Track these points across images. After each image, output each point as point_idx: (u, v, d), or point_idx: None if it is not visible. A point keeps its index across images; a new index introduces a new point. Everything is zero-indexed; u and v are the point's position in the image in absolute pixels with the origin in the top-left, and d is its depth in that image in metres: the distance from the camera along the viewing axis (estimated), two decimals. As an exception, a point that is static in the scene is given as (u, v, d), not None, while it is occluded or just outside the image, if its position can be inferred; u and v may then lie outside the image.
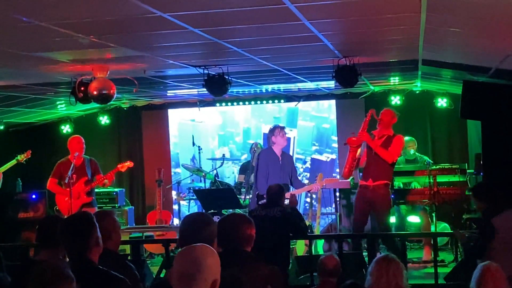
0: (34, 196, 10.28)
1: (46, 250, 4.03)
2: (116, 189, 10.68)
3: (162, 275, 7.47)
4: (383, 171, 7.96)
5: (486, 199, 6.01)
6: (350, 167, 8.06)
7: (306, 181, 9.41)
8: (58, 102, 9.94)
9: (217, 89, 7.03)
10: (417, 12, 4.43)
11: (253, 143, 9.71)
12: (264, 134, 8.70)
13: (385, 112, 8.11)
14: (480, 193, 6.10)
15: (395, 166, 9.41)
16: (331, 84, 9.95)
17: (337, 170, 11.46)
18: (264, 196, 7.80)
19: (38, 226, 4.17)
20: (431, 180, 8.82)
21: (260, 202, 8.04)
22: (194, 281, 2.62)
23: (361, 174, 8.28)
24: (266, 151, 8.55)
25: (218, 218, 7.78)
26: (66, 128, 11.71)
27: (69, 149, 8.47)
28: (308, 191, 8.96)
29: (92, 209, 8.09)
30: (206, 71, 6.89)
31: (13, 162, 9.55)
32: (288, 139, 8.71)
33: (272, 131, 8.54)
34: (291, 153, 10.94)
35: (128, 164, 9.04)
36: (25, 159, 9.55)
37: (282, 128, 8.57)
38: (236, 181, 10.48)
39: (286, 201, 7.27)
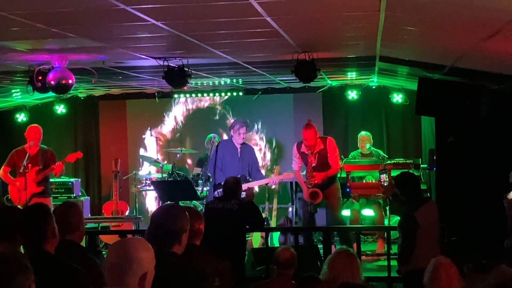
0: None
1: (2, 243, 3.82)
2: (72, 179, 10.58)
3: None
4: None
5: (408, 191, 5.97)
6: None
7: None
8: (13, 91, 9.77)
9: (177, 81, 7.03)
10: (376, 11, 4.52)
11: (211, 136, 9.71)
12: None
13: (309, 137, 8.24)
14: (401, 185, 6.02)
15: (351, 160, 9.59)
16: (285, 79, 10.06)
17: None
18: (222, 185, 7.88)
19: None
20: (386, 175, 8.97)
21: (215, 193, 8.10)
22: (123, 273, 2.69)
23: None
24: (225, 142, 8.59)
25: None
26: (21, 117, 11.51)
27: (26, 138, 8.36)
28: (266, 184, 9.03)
29: (44, 199, 7.99)
30: (166, 63, 6.87)
31: None
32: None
33: (232, 125, 8.67)
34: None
35: (77, 154, 9.04)
36: None
37: (242, 125, 8.65)
38: (193, 173, 10.48)
39: (243, 194, 7.33)
